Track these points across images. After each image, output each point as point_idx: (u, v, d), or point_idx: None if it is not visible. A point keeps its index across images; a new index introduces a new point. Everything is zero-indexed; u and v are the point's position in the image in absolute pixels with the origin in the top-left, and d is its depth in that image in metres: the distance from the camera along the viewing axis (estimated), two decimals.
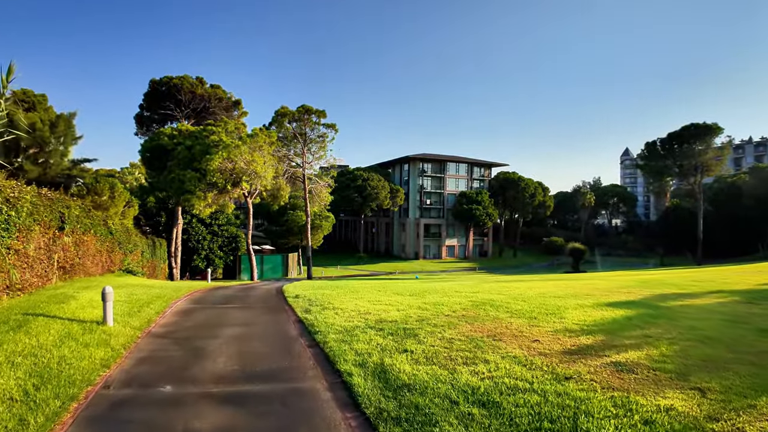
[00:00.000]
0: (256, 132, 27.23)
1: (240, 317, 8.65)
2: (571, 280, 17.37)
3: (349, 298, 10.18)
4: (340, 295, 10.92)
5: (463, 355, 5.19)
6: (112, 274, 19.78)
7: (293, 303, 10.13)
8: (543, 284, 14.33)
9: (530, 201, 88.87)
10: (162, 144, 31.77)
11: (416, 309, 8.30)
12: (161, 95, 41.52)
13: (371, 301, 9.54)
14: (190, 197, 25.65)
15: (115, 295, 10.20)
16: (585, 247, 54.64)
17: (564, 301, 9.34)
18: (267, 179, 27.14)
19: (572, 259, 54.88)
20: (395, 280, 32.56)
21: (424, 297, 10.10)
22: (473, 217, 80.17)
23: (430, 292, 11.40)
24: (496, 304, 8.85)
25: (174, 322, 8.18)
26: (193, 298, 11.54)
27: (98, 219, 18.70)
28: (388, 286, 14.07)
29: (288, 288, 14.48)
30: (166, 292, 12.09)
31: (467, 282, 17.93)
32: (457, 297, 9.92)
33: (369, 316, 7.74)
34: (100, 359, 5.61)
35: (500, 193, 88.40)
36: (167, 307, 9.72)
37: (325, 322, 7.40)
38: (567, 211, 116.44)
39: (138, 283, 15.31)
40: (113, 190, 36.77)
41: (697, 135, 58.03)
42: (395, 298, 10.12)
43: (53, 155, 35.01)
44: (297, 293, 12.01)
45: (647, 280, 15.67)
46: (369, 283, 18.55)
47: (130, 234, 24.19)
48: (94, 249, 17.74)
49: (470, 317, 7.49)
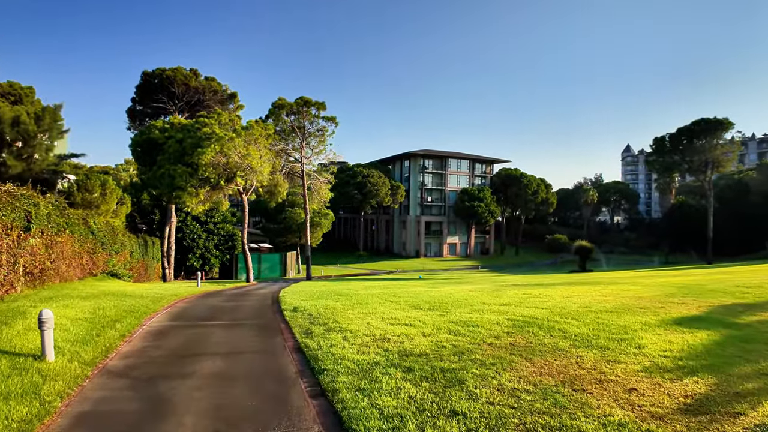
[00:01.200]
0: (252, 124, 25.41)
1: (224, 342, 6.94)
2: (595, 284, 15.69)
3: (357, 314, 8.50)
4: (347, 308, 9.23)
5: (544, 424, 3.51)
6: (94, 278, 18.06)
7: (291, 319, 8.44)
8: (573, 291, 12.65)
9: (533, 198, 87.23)
10: (153, 138, 29.98)
11: (446, 332, 6.61)
12: (154, 88, 39.66)
13: (386, 319, 7.86)
14: (181, 194, 23.88)
15: (78, 311, 8.51)
16: (592, 246, 53.01)
17: (622, 318, 7.67)
18: (263, 174, 25.36)
19: (579, 257, 53.24)
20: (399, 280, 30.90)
21: (449, 312, 8.42)
22: (475, 214, 78.51)
23: (452, 304, 9.72)
24: (543, 324, 7.17)
25: (140, 350, 6.48)
26: (174, 312, 9.84)
27: (76, 217, 16.95)
28: (398, 294, 12.38)
29: (285, 295, 12.79)
30: (142, 303, 10.38)
31: (483, 286, 16.24)
32: (490, 313, 8.23)
33: (388, 344, 6.05)
34: (17, 424, 3.92)
35: (502, 190, 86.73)
36: (138, 326, 8.03)
37: (333, 354, 5.70)
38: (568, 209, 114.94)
39: (116, 290, 13.59)
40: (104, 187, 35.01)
41: (708, 130, 56.31)
42: (414, 313, 8.43)
43: (38, 150, 33.17)
44: (295, 304, 10.32)
45: (686, 285, 13.98)
46: (375, 287, 16.88)
47: (116, 233, 22.43)
48: (70, 251, 16.01)
49: (522, 347, 5.82)
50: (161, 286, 18.72)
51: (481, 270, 64.03)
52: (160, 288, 16.93)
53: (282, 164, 31.13)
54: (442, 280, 34.40)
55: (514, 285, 16.79)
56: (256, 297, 13.90)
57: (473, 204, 78.13)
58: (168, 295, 12.99)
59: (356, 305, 9.69)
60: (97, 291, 12.73)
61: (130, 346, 6.64)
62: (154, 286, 18.36)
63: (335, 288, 17.00)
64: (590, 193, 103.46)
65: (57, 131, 33.23)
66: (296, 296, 12.50)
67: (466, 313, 8.33)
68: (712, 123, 56.16)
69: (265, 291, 17.48)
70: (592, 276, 28.90)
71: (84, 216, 17.95)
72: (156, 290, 15.02)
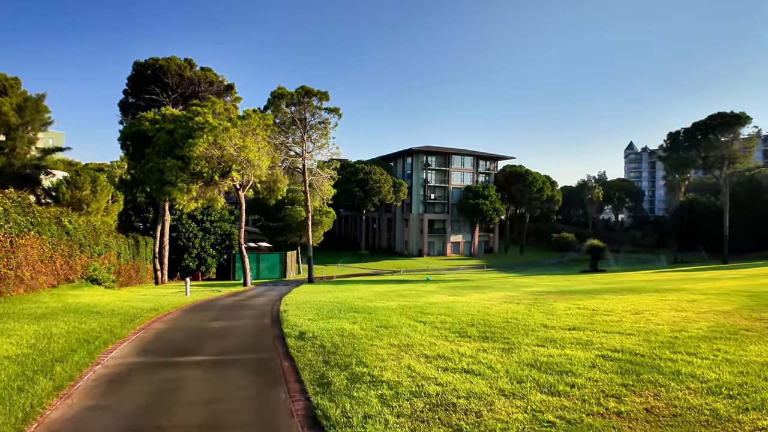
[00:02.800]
0: (249, 113, 23.15)
1: (202, 401, 4.74)
2: (640, 292, 13.51)
3: (387, 346, 6.34)
4: (370, 336, 7.06)
5: None
6: (69, 286, 15.87)
7: (297, 354, 6.28)
8: (631, 302, 10.47)
9: (538, 196, 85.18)
10: (143, 130, 27.76)
11: (535, 388, 4.41)
12: (146, 79, 37.40)
13: (432, 358, 5.69)
14: (171, 189, 21.66)
15: (14, 341, 6.33)
16: (604, 245, 50.87)
17: (747, 349, 5.56)
18: (262, 169, 23.13)
19: (590, 257, 51.10)
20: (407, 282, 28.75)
21: (513, 345, 6.23)
22: (480, 212, 76.40)
23: (505, 327, 7.53)
24: (657, 364, 5.03)
25: (77, 417, 4.31)
26: (146, 338, 7.65)
27: (45, 216, 14.75)
28: (425, 309, 10.21)
29: (288, 310, 10.60)
30: (109, 324, 8.20)
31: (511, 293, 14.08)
32: (571, 347, 6.02)
33: (456, 416, 3.84)
34: None
35: (506, 187, 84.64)
36: (90, 365, 5.86)
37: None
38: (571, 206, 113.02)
39: (87, 303, 11.40)
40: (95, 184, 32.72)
41: (724, 125, 54.21)
42: (466, 346, 6.26)
43: (20, 142, 30.94)
44: (301, 326, 8.16)
45: (745, 291, 11.73)
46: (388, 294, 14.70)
47: (99, 233, 20.23)
48: (37, 254, 13.83)
49: (667, 417, 3.69)
50: (145, 295, 16.53)
51: (487, 270, 61.92)
52: (143, 298, 14.74)
53: (282, 158, 28.92)
54: (452, 281, 32.25)
55: (548, 293, 14.63)
56: (253, 311, 11.72)
57: (478, 202, 76.02)
58: (147, 309, 10.81)
59: (381, 330, 7.51)
60: (61, 305, 10.54)
61: (64, 410, 4.47)
62: (137, 295, 16.18)
63: (344, 297, 14.84)
64: (596, 190, 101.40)
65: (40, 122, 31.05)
66: (301, 312, 10.33)
67: (537, 345, 6.16)
68: (729, 117, 54.06)
69: (263, 301, 15.32)
70: (617, 278, 26.79)
71: (57, 214, 15.77)
72: (135, 302, 12.83)
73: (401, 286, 23.55)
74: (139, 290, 20.68)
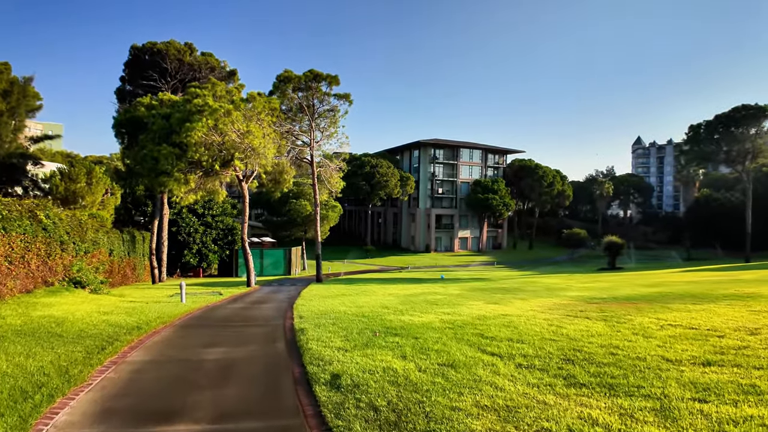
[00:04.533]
0: (254, 96, 20.81)
1: None
2: (703, 299, 11.20)
3: (472, 405, 4.13)
4: (440, 385, 4.80)
5: None
6: (46, 290, 13.69)
7: (339, 428, 4.06)
8: (716, 315, 8.20)
9: (548, 190, 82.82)
10: (138, 116, 25.49)
11: None
12: (144, 64, 35.12)
13: (526, 419, 3.52)
14: (167, 180, 19.42)
15: None
16: (623, 242, 48.60)
17: None
18: (267, 158, 20.83)
19: (608, 254, 48.87)
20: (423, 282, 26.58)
21: (677, 410, 4.05)
22: (489, 206, 74.04)
23: (621, 366, 5.30)
24: None
25: None
26: (114, 384, 5.41)
27: (16, 209, 12.55)
28: (487, 332, 7.95)
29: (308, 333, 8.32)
30: (69, 357, 5.99)
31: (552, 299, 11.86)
32: (747, 404, 3.88)
33: None
34: None
35: (515, 181, 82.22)
36: None
37: None
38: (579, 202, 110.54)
39: (54, 317, 9.16)
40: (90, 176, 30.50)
41: (748, 117, 51.73)
42: (597, 406, 4.05)
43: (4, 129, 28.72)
44: (333, 365, 5.92)
45: None
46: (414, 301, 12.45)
47: (85, 228, 18.02)
48: (2, 255, 11.65)
49: None
50: (134, 301, 14.33)
51: (498, 266, 59.70)
52: (130, 306, 12.53)
53: (288, 147, 26.62)
54: (469, 280, 30.02)
55: (600, 300, 12.29)
56: (260, 327, 9.51)
57: (487, 196, 73.65)
58: (129, 326, 8.59)
59: (449, 373, 5.26)
60: (20, 322, 8.33)
61: None
62: (124, 302, 13.97)
63: (365, 304, 12.61)
64: (606, 185, 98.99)
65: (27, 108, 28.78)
66: (323, 333, 8.09)
67: (694, 400, 3.93)
68: (754, 110, 51.61)
69: (272, 308, 13.12)
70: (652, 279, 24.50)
71: (31, 207, 13.58)
72: (118, 313, 10.61)
73: (420, 288, 21.36)
74: (131, 293, 18.50)
